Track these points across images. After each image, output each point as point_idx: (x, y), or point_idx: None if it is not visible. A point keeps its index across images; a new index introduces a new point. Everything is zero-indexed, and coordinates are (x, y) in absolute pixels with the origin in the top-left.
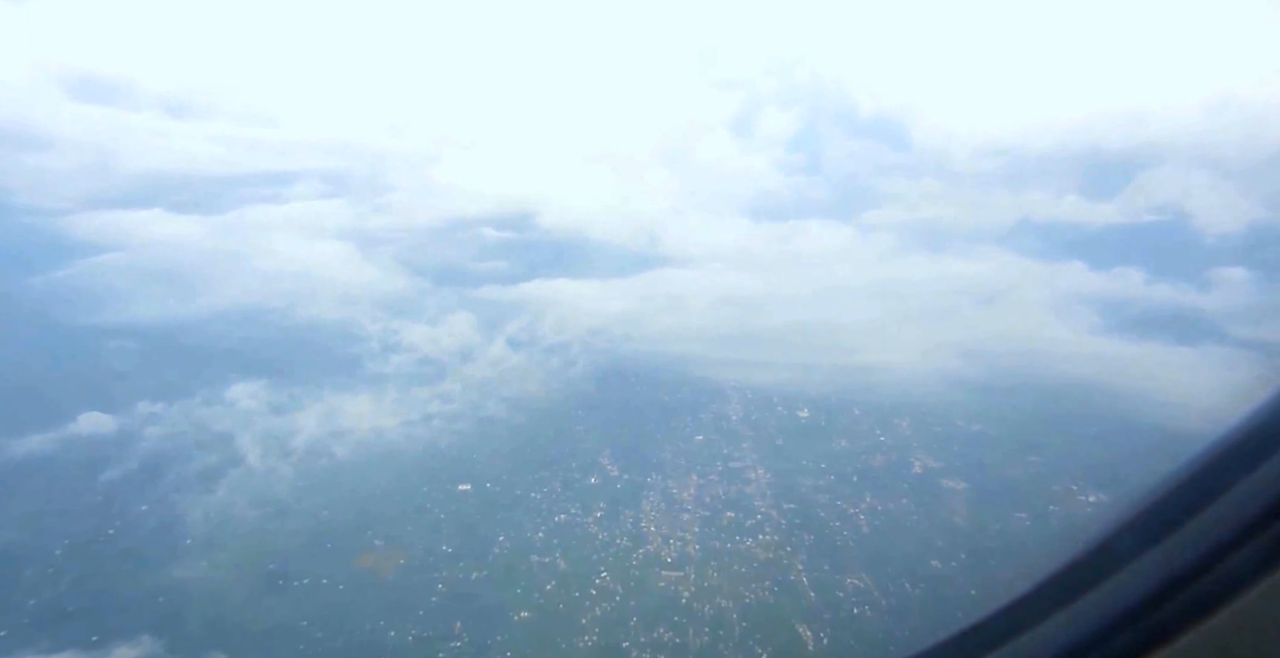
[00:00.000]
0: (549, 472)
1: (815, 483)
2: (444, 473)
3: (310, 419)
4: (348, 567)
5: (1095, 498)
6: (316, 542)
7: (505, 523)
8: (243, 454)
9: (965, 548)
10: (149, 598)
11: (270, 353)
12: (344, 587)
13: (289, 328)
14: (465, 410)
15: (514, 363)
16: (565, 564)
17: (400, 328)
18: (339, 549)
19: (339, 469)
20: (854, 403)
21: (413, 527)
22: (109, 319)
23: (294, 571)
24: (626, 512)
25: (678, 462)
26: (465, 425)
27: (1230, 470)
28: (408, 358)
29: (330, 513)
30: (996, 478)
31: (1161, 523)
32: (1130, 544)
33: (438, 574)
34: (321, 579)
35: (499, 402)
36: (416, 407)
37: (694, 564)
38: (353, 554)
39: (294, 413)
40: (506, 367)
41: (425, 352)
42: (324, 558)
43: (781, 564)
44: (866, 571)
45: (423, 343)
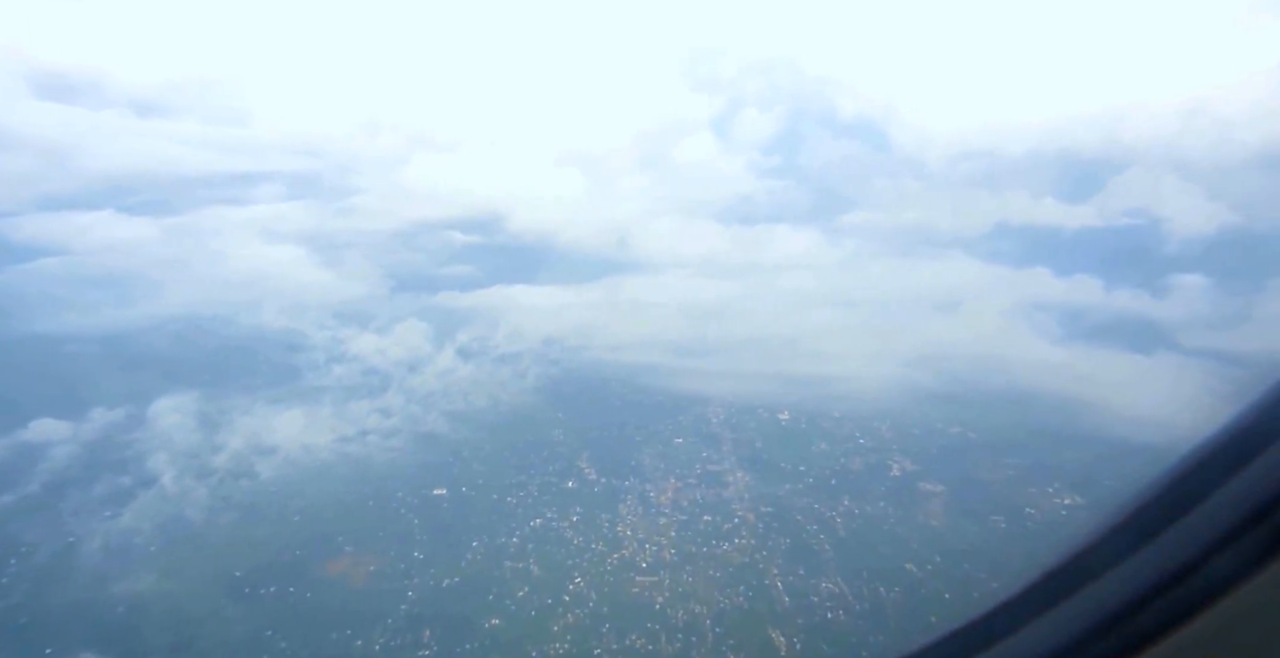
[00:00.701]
0: (526, 476)
1: (793, 486)
2: (419, 478)
3: (237, 436)
4: (317, 575)
5: (1071, 501)
6: (287, 549)
7: (480, 528)
8: (155, 475)
9: (940, 551)
10: (103, 613)
11: (207, 363)
12: (312, 595)
13: (231, 337)
14: (404, 425)
15: (462, 374)
16: (539, 570)
17: (348, 337)
18: (309, 557)
19: (259, 491)
20: (812, 413)
21: (385, 533)
22: (39, 328)
23: (260, 579)
24: (603, 516)
25: (656, 466)
26: (402, 442)
27: (1215, 473)
28: (352, 369)
29: (302, 519)
30: (974, 481)
31: (1147, 525)
32: (1116, 547)
33: (408, 581)
34: (289, 588)
35: (440, 416)
36: (353, 422)
37: (669, 569)
38: (323, 562)
39: (221, 429)
40: (454, 378)
41: (371, 362)
42: (293, 566)
43: (757, 569)
44: (841, 575)
45: (369, 353)
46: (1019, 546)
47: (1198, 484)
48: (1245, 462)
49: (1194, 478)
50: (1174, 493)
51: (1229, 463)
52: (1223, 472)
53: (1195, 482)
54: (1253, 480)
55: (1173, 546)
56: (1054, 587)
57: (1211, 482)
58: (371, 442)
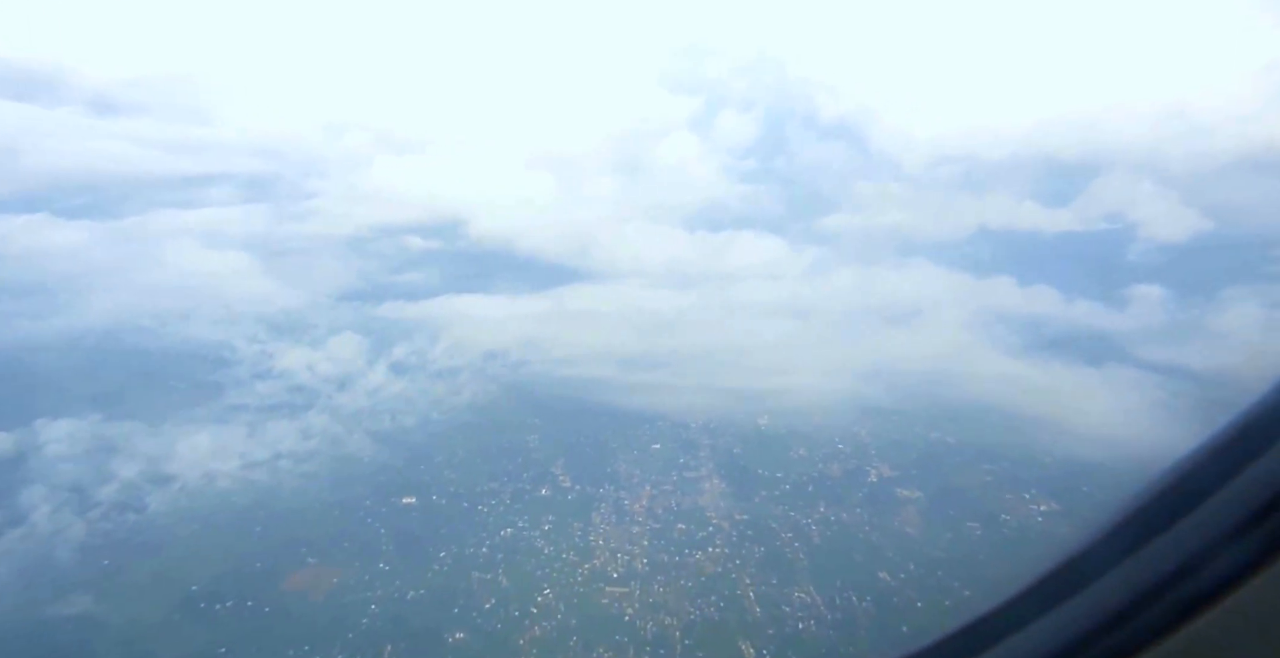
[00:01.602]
0: (500, 483)
1: (770, 492)
2: (389, 486)
3: (133, 463)
4: (277, 588)
5: (1047, 507)
6: (246, 562)
7: (449, 538)
8: (27, 510)
9: (915, 559)
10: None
11: (119, 381)
12: (270, 609)
13: (153, 351)
14: (322, 448)
15: (394, 391)
16: (507, 581)
17: (279, 351)
18: (269, 569)
19: (145, 527)
20: (757, 429)
21: (351, 543)
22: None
23: (217, 594)
24: (575, 525)
25: (632, 472)
26: (318, 466)
27: (1212, 475)
28: (277, 386)
29: (264, 529)
30: (951, 486)
31: (1144, 528)
32: (1113, 549)
33: (371, 594)
34: (246, 602)
35: (364, 437)
36: (267, 445)
37: (640, 579)
38: (284, 575)
39: (117, 455)
40: (384, 396)
41: (299, 378)
42: (252, 579)
43: (729, 578)
44: (814, 583)
45: (298, 368)
46: (994, 552)
47: (1194, 487)
48: (1242, 465)
49: (1191, 480)
50: (1171, 496)
51: (1226, 465)
52: (1220, 474)
53: (1192, 484)
54: (1250, 483)
55: (1169, 548)
56: (1051, 590)
57: (1208, 484)
58: (282, 467)
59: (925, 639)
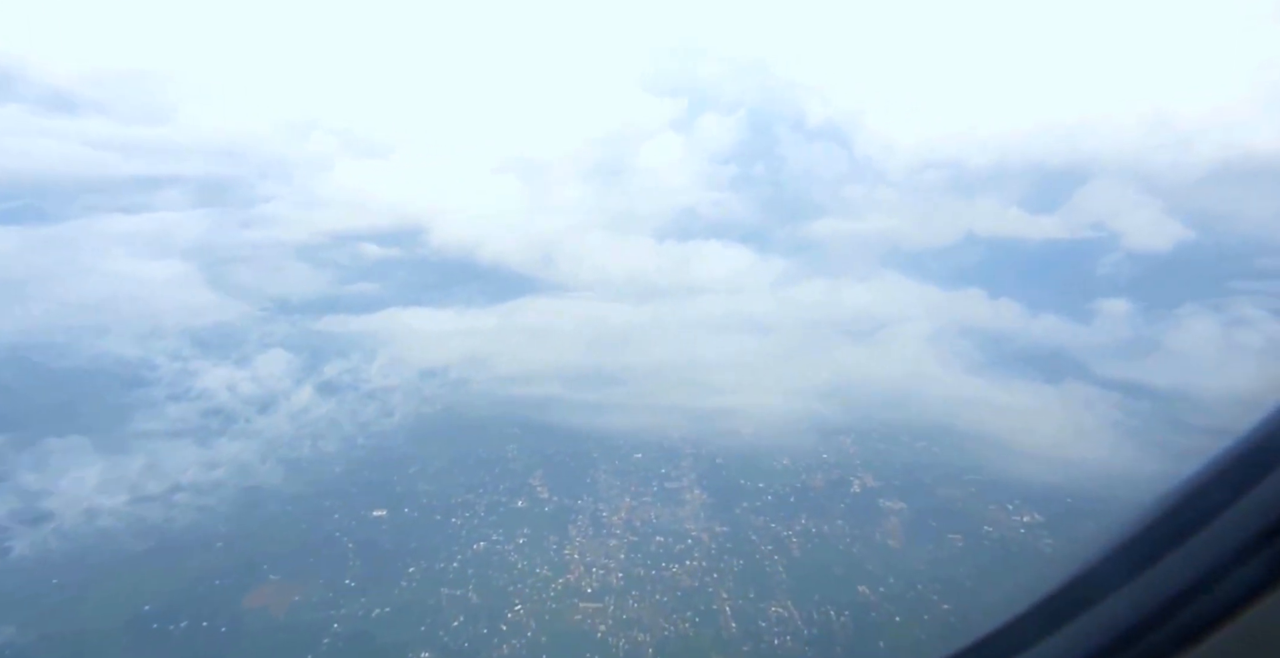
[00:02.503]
0: (475, 495)
1: (751, 504)
2: (360, 498)
3: (7, 499)
4: (236, 606)
5: (1030, 518)
6: (204, 580)
7: (419, 552)
8: None
9: (895, 572)
10: None
11: (14, 404)
12: (227, 630)
13: (59, 370)
14: (228, 479)
15: (320, 413)
16: (477, 597)
17: (202, 369)
18: (228, 587)
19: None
20: (709, 450)
21: (316, 558)
22: None
23: (171, 613)
24: (551, 538)
25: (612, 483)
26: (218, 501)
27: (1220, 495)
28: (192, 409)
29: (225, 545)
30: (934, 497)
31: (1153, 547)
32: (1119, 569)
33: (334, 612)
34: (201, 622)
35: (276, 467)
36: (166, 476)
37: (614, 594)
38: (243, 592)
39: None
40: (309, 419)
41: (218, 400)
42: (210, 597)
43: (705, 593)
44: (792, 598)
45: (219, 388)
46: (974, 565)
47: (1200, 509)
48: (1247, 487)
49: (1196, 502)
50: (1176, 517)
51: (1231, 487)
52: (1225, 496)
53: (1198, 506)
54: (1254, 506)
55: (1175, 570)
56: (1058, 609)
57: (1214, 506)
58: (179, 502)
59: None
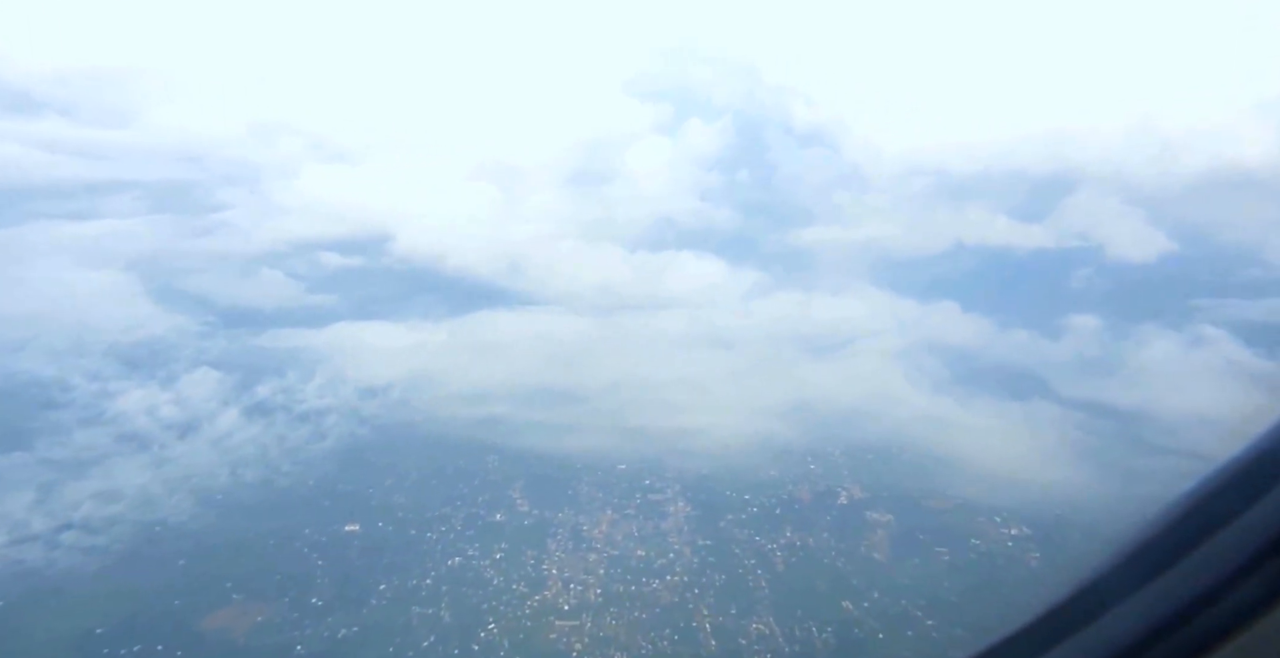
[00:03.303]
0: (452, 508)
1: (736, 516)
2: (332, 511)
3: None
4: (194, 628)
5: (1018, 531)
6: (162, 599)
7: (390, 569)
8: None
9: (880, 586)
10: None
11: None
12: (183, 653)
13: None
14: (128, 514)
15: (245, 437)
16: (450, 616)
17: (123, 389)
18: (187, 608)
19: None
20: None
21: (282, 576)
22: None
23: (125, 636)
24: (529, 552)
25: (594, 495)
26: (111, 540)
27: (1222, 509)
28: (105, 433)
29: (188, 562)
30: (922, 509)
31: (1154, 562)
32: (1123, 583)
33: (298, 633)
34: (156, 645)
35: (186, 499)
36: (57, 513)
37: (592, 611)
38: (203, 613)
39: None
40: (231, 443)
41: (135, 424)
42: (167, 619)
43: (685, 609)
44: (774, 614)
45: (138, 412)
46: (961, 579)
47: (1205, 521)
48: (1246, 505)
49: (1203, 512)
50: (1181, 529)
51: (1238, 500)
52: (1232, 508)
53: (1203, 518)
54: (1253, 524)
55: (1173, 587)
56: (1059, 623)
57: (1220, 518)
58: (66, 542)
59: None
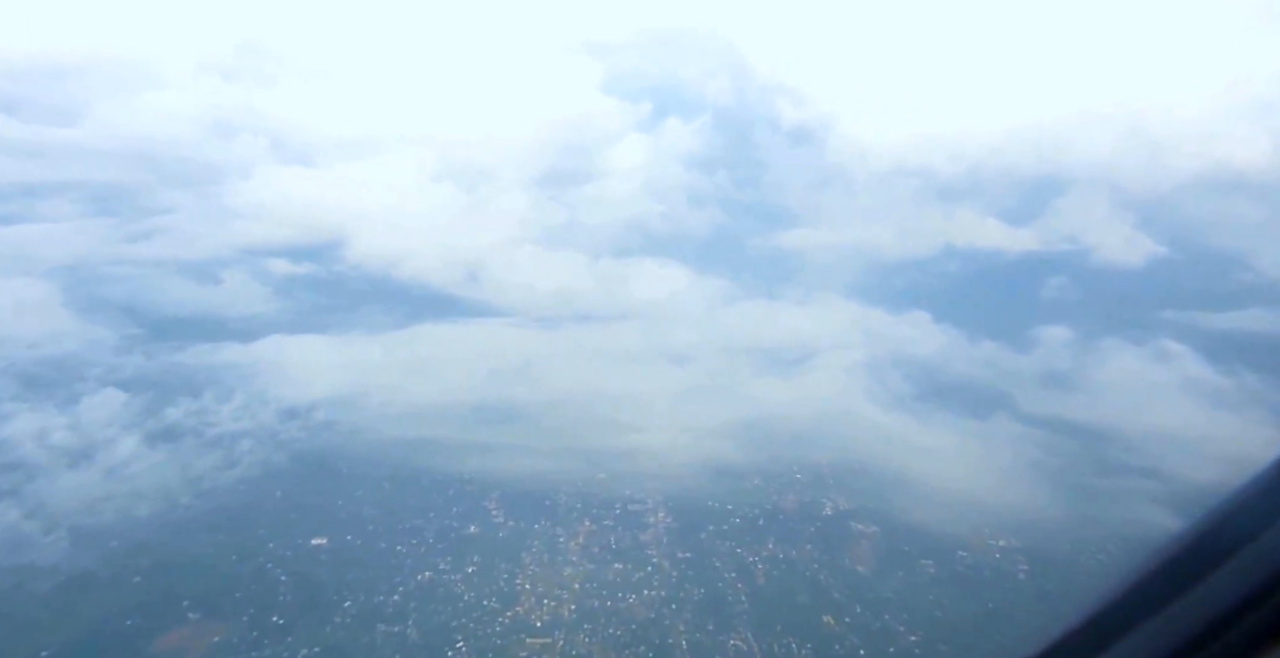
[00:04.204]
0: (424, 520)
1: (718, 527)
2: (299, 525)
3: None
4: (146, 650)
5: (1005, 543)
6: (114, 619)
7: (357, 585)
8: None
9: (862, 600)
10: None
11: None
12: None
13: None
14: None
15: (147, 465)
16: (417, 634)
17: (14, 412)
18: (140, 627)
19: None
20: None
21: (243, 594)
22: None
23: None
24: (502, 566)
25: (573, 505)
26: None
27: (1223, 545)
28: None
29: (144, 580)
30: (908, 519)
31: (1161, 591)
32: (1126, 615)
33: (257, 653)
34: None
35: (62, 538)
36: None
37: (565, 628)
38: (157, 633)
39: None
40: (129, 473)
41: (21, 452)
42: (118, 640)
43: (662, 625)
44: (753, 629)
45: (26, 437)
46: (945, 592)
47: (1210, 556)
48: (1247, 538)
49: (1207, 549)
50: (1188, 557)
51: (1246, 526)
52: (1232, 543)
53: (1208, 553)
54: (1254, 559)
55: (1187, 613)
56: (1075, 647)
57: (1224, 552)
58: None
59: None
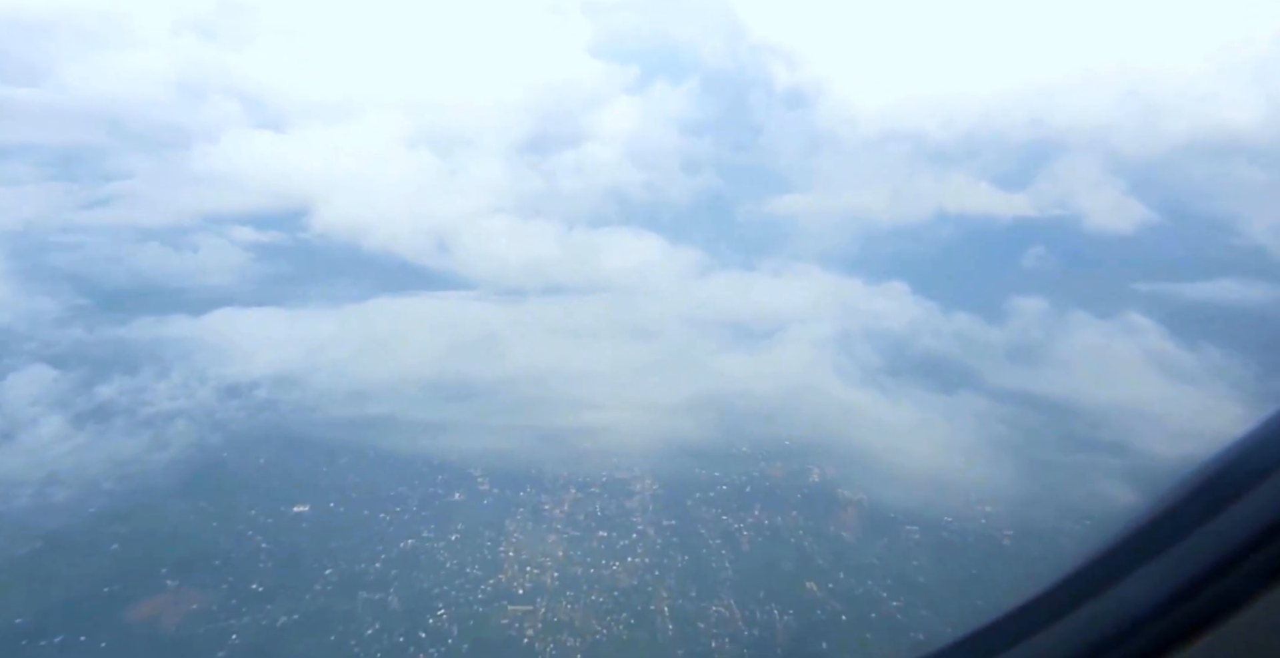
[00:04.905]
0: (409, 487)
1: (704, 495)
2: (280, 491)
3: None
4: (123, 617)
5: (991, 508)
6: (92, 586)
7: (339, 552)
8: None
9: (846, 566)
10: None
11: None
12: (108, 644)
13: None
14: None
15: (70, 447)
16: (398, 601)
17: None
18: (118, 595)
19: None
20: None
21: (222, 561)
22: None
23: (48, 626)
24: (486, 534)
25: (558, 472)
26: None
27: (1222, 494)
28: None
29: (121, 547)
30: (895, 487)
31: (1149, 544)
32: (1115, 565)
33: (234, 621)
34: (79, 636)
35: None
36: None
37: (547, 595)
38: (135, 600)
39: None
40: (45, 458)
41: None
42: (95, 607)
43: (645, 592)
44: (735, 596)
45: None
46: (930, 558)
47: (1203, 503)
48: (1252, 484)
49: (1201, 497)
50: (1178, 511)
51: (1236, 484)
52: (1230, 492)
53: (1201, 501)
54: (1259, 503)
55: (1172, 566)
56: (1049, 605)
57: (1217, 503)
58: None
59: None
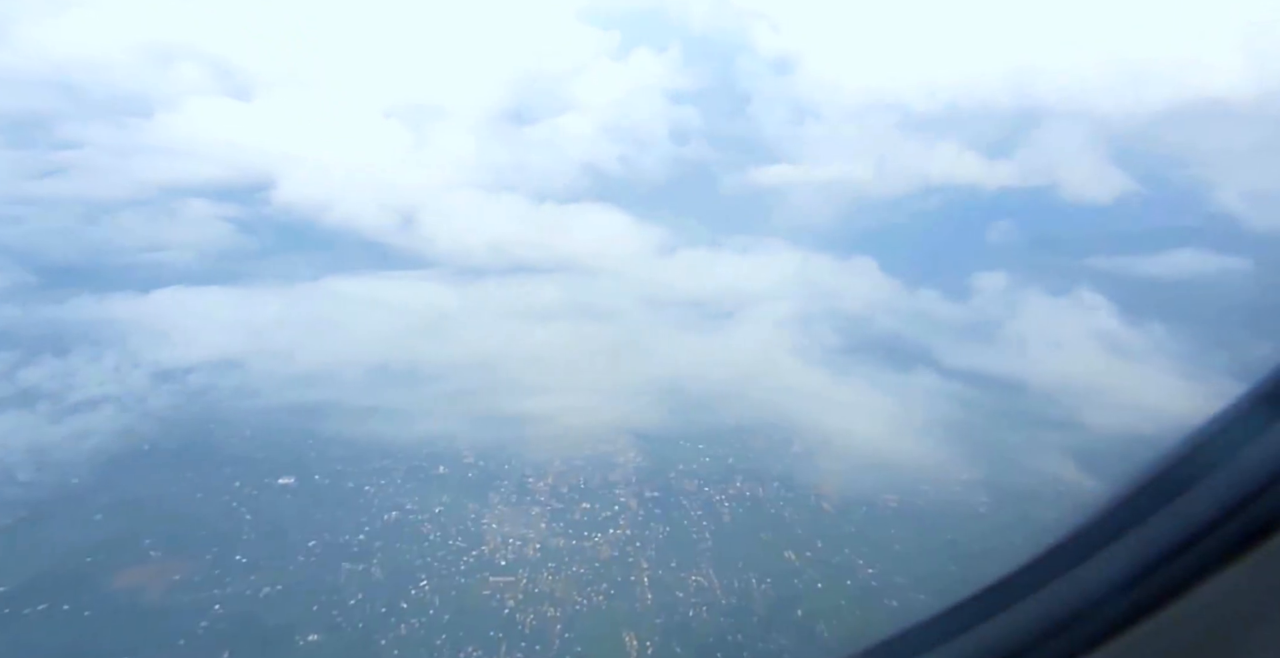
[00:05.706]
0: (394, 460)
1: (686, 466)
2: (265, 464)
3: None
4: (106, 587)
5: (968, 476)
6: (74, 556)
7: (323, 524)
8: None
9: (824, 535)
10: None
11: None
12: (91, 613)
13: None
14: None
15: None
16: (381, 572)
17: None
18: (100, 565)
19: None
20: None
21: (206, 532)
22: None
23: (30, 596)
24: (470, 506)
25: (541, 447)
26: None
27: (1193, 468)
28: None
29: (105, 517)
30: (875, 456)
31: (1123, 517)
32: (1089, 540)
33: (218, 591)
34: (62, 606)
35: None
36: None
37: (529, 567)
38: (117, 571)
39: None
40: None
41: None
42: (78, 577)
43: (625, 562)
44: (714, 566)
45: None
46: (904, 527)
47: (1174, 479)
48: (1223, 459)
49: (1172, 472)
50: (1151, 487)
51: (1206, 460)
52: (1200, 467)
53: (1172, 476)
54: (1229, 476)
55: (1145, 537)
56: (1024, 580)
57: (1187, 477)
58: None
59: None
